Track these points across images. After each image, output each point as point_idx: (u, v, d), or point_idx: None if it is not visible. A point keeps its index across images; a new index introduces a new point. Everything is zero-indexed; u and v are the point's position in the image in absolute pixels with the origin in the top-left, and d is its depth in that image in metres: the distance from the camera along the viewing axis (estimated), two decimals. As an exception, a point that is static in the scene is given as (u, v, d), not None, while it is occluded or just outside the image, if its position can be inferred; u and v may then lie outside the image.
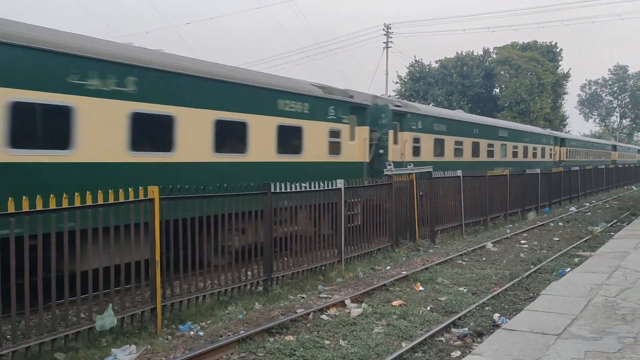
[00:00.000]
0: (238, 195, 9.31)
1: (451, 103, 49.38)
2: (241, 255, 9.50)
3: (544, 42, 59.66)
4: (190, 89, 10.33)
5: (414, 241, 14.62)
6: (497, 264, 12.53)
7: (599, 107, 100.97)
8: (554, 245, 15.09)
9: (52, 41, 8.30)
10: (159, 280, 7.68)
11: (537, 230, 18.32)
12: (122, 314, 7.35)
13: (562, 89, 61.50)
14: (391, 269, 11.72)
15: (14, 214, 6.11)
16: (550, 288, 8.71)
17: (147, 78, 9.48)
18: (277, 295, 9.53)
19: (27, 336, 6.29)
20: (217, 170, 10.73)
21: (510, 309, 8.72)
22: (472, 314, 8.36)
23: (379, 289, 9.90)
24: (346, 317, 8.20)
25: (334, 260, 11.58)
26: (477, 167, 21.41)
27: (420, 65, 54.96)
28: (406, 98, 51.61)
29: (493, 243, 15.06)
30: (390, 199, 13.65)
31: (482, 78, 53.39)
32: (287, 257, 10.43)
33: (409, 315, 8.27)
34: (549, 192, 24.95)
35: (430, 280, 10.65)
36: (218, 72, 11.12)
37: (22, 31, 8.07)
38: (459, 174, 17.12)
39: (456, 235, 16.72)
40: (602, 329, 6.36)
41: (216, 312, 8.43)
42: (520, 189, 21.78)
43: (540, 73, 54.16)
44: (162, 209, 7.74)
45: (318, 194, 11.22)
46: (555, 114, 60.23)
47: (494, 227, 18.93)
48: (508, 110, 52.68)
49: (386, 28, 45.84)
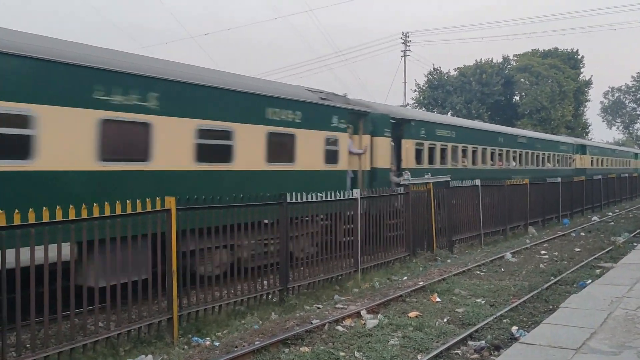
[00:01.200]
0: (254, 205, 9.36)
1: (470, 111, 49.12)
2: (257, 266, 9.54)
3: (565, 49, 59.09)
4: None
5: (432, 251, 14.52)
6: (516, 275, 12.38)
7: (622, 115, 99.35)
8: (575, 256, 14.86)
9: (135, 66, 9.28)
10: (176, 290, 7.75)
11: (558, 240, 18.07)
12: (139, 323, 7.43)
13: (584, 96, 60.77)
14: (408, 280, 11.65)
15: (35, 225, 6.21)
16: (570, 301, 8.57)
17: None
18: (293, 305, 9.54)
19: (46, 345, 6.38)
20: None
21: (528, 322, 8.60)
22: (490, 327, 8.26)
23: (395, 299, 9.84)
24: (362, 328, 8.16)
25: (351, 270, 11.56)
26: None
27: (439, 73, 54.82)
28: (424, 106, 51.54)
29: (512, 253, 14.88)
30: (407, 209, 13.60)
31: (502, 86, 53.03)
32: (303, 267, 10.45)
33: (425, 327, 8.20)
34: (570, 201, 24.63)
35: (448, 291, 10.56)
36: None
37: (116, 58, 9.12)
38: (477, 183, 16.99)
39: (475, 245, 16.57)
40: (622, 343, 6.24)
41: (232, 322, 8.46)
42: (541, 198, 21.52)
43: (561, 80, 53.61)
44: (179, 219, 7.82)
45: (333, 203, 11.22)
46: (577, 121, 59.53)
47: (514, 236, 18.72)
48: (528, 118, 52.21)
49: (404, 37, 45.85)
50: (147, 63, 9.93)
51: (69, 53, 8.40)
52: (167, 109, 9.55)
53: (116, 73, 8.82)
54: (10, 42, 7.68)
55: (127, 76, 9.00)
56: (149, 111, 9.24)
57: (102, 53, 9.23)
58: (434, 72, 54.77)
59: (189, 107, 9.98)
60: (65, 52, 8.37)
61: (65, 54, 8.32)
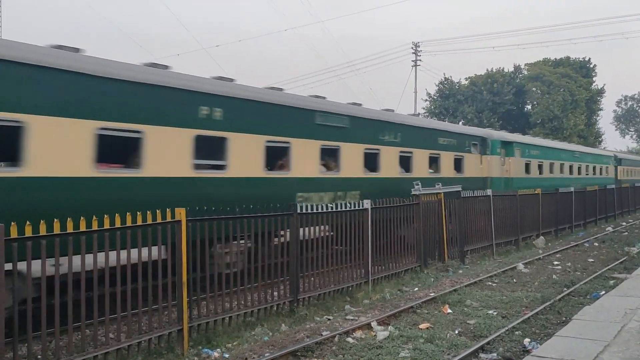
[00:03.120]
0: (265, 216, 9.38)
1: (481, 120, 48.93)
2: (267, 275, 9.52)
3: (577, 58, 58.73)
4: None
5: (443, 261, 14.43)
6: (529, 286, 12.26)
7: (635, 123, 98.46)
8: (588, 267, 14.71)
9: (234, 91, 11.06)
10: (186, 301, 7.76)
11: (571, 250, 17.89)
12: (149, 335, 7.44)
13: (597, 105, 60.27)
14: (419, 290, 11.58)
15: (46, 237, 6.25)
16: (583, 312, 8.47)
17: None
18: (304, 316, 9.51)
19: (57, 356, 6.40)
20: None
21: (541, 334, 8.51)
22: (502, 339, 8.18)
23: (406, 311, 9.78)
24: (372, 340, 8.11)
25: (361, 281, 11.51)
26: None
27: (450, 82, 54.71)
28: (435, 115, 51.41)
29: (524, 264, 14.76)
30: (418, 219, 13.54)
31: (513, 95, 52.78)
32: (313, 278, 10.42)
33: (436, 339, 8.13)
34: (583, 211, 24.40)
35: (459, 302, 10.48)
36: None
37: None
38: (488, 193, 16.90)
39: (486, 255, 16.44)
40: (636, 356, 6.15)
41: (242, 334, 8.45)
42: (553, 208, 21.34)
43: (573, 89, 53.23)
44: (189, 230, 7.85)
45: (344, 214, 11.20)
46: (590, 130, 59.03)
47: (526, 247, 18.56)
48: (540, 127, 51.86)
49: (414, 47, 45.89)
50: (243, 91, 11.50)
51: (180, 80, 10.06)
52: (240, 126, 11.10)
53: (212, 96, 10.53)
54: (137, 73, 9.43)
55: (215, 98, 10.58)
56: (226, 128, 10.76)
57: (190, 79, 10.52)
58: (444, 82, 54.68)
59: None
60: (175, 80, 9.95)
61: (175, 81, 9.94)
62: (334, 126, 13.46)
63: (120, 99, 8.99)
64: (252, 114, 11.36)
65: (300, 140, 12.48)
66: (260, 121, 11.51)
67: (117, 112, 8.88)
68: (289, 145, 12.21)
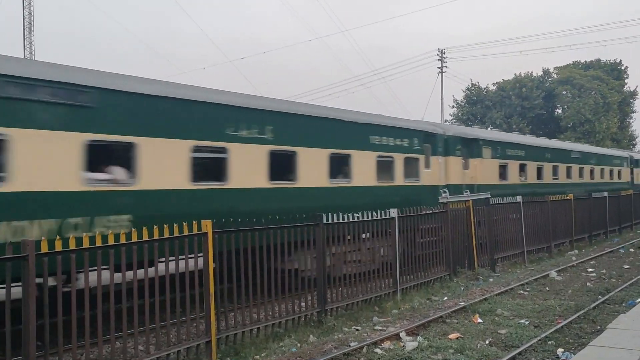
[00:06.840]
0: (290, 227, 9.39)
1: (510, 125, 48.32)
2: (294, 286, 9.52)
3: (608, 60, 57.62)
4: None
5: (473, 270, 14.22)
6: (562, 294, 11.98)
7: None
8: (623, 274, 14.30)
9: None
10: (213, 312, 7.80)
11: (606, 257, 17.44)
12: (178, 347, 7.49)
13: (630, 107, 58.96)
14: (448, 300, 11.41)
15: (73, 251, 6.36)
16: (618, 321, 8.23)
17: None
18: (332, 327, 9.46)
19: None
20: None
21: (574, 344, 8.28)
22: (534, 349, 8.00)
23: (435, 320, 9.65)
24: (400, 350, 8.01)
25: (390, 291, 11.41)
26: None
27: (477, 88, 54.22)
28: (463, 122, 50.96)
29: (557, 271, 14.44)
30: (447, 227, 13.39)
31: (543, 99, 52.05)
32: (341, 288, 10.38)
33: (466, 349, 7.99)
34: (618, 216, 23.79)
35: (490, 311, 10.29)
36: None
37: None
38: (519, 199, 16.61)
39: (518, 263, 16.14)
40: (675, 367, 5.94)
41: (270, 345, 8.44)
42: (587, 213, 20.87)
43: (605, 92, 52.21)
44: (215, 242, 7.90)
45: (371, 223, 11.15)
46: (624, 133, 57.74)
47: (559, 254, 18.16)
48: (572, 131, 50.94)
49: (440, 53, 45.65)
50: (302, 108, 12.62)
51: (255, 101, 11.23)
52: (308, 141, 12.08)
53: (282, 114, 11.55)
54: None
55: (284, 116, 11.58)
56: (295, 143, 11.73)
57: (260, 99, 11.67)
58: (472, 88, 54.21)
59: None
60: (249, 101, 11.11)
61: (250, 102, 11.10)
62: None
63: (212, 121, 10.29)
64: (317, 129, 12.48)
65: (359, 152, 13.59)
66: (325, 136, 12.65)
67: (208, 133, 10.20)
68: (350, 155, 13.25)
